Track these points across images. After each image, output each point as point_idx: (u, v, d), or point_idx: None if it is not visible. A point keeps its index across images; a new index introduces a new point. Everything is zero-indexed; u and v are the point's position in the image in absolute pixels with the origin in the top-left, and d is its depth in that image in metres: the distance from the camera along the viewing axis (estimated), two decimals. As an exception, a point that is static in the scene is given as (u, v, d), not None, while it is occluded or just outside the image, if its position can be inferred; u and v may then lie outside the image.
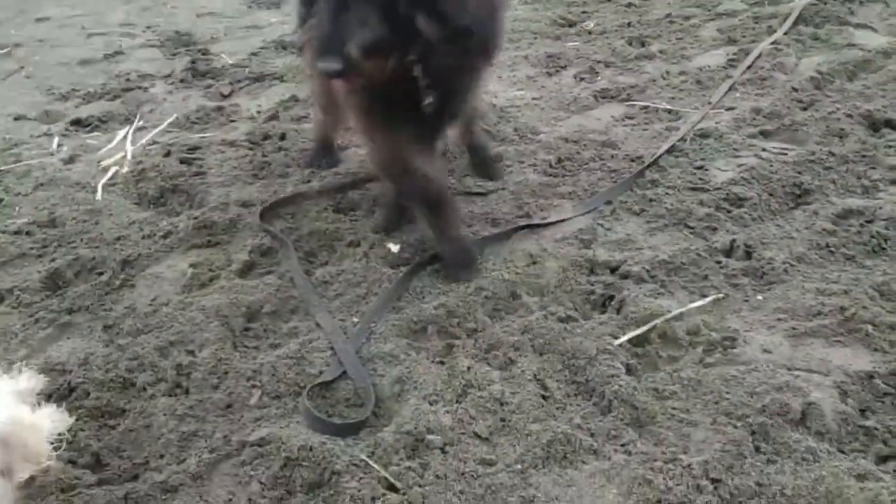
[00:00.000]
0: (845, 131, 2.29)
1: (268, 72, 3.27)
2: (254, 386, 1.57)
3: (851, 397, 1.42)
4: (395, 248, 1.99)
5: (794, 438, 1.34)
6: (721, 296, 1.71)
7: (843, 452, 1.33)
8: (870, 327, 1.55)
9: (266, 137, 2.65)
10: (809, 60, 2.79)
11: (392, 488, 1.33)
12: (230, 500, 1.34)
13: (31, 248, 2.10)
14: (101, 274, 1.98)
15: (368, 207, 2.16)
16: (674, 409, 1.43)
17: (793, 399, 1.40)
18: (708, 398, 1.44)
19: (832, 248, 1.82)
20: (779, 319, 1.62)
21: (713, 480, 1.27)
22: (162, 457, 1.43)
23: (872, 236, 1.83)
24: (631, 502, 1.26)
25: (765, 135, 2.36)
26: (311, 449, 1.39)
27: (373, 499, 1.31)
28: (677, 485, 1.27)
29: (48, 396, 1.52)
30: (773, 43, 2.94)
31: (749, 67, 2.79)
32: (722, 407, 1.42)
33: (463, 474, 1.34)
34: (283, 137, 2.64)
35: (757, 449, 1.33)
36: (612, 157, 2.35)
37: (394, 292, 1.78)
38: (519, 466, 1.35)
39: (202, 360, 1.63)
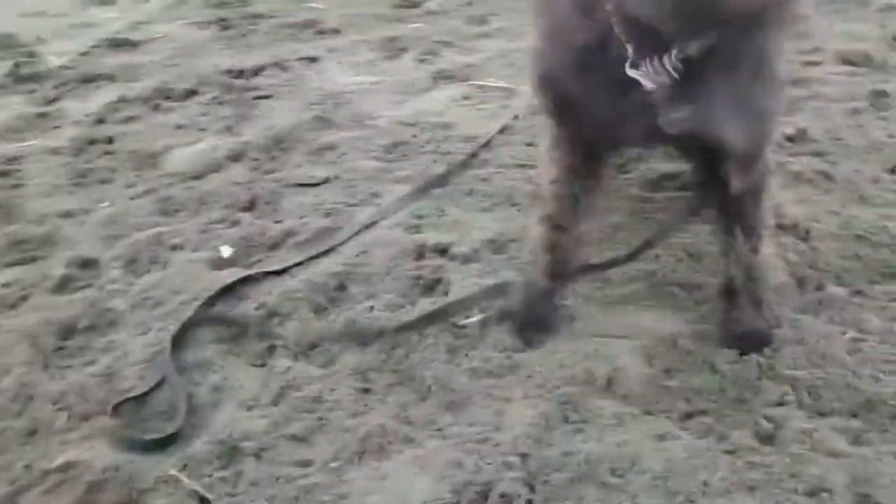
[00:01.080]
0: None
1: (98, 72, 3.11)
2: (60, 409, 1.48)
3: (657, 359, 1.46)
4: (227, 251, 1.92)
5: (599, 405, 1.37)
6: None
7: (648, 414, 1.37)
8: (676, 289, 1.61)
9: (92, 142, 2.52)
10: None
11: (203, 500, 1.29)
12: (32, 533, 1.27)
13: None
14: None
15: (195, 208, 2.09)
16: (490, 387, 1.44)
17: (599, 367, 1.43)
18: (522, 374, 1.46)
19: (646, 215, 1.87)
20: (596, 288, 1.66)
21: (521, 455, 1.29)
22: (-43, 495, 1.34)
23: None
24: (443, 487, 1.26)
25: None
26: (117, 469, 1.33)
27: (184, 514, 1.27)
28: (487, 464, 1.28)
29: None
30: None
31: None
32: (534, 381, 1.44)
33: (278, 478, 1.31)
34: (110, 141, 2.52)
35: (566, 419, 1.35)
36: (447, 138, 2.35)
37: (213, 296, 1.73)
38: (334, 464, 1.33)
39: (5, 387, 1.53)
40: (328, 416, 1.42)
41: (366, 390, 1.47)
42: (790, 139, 2.11)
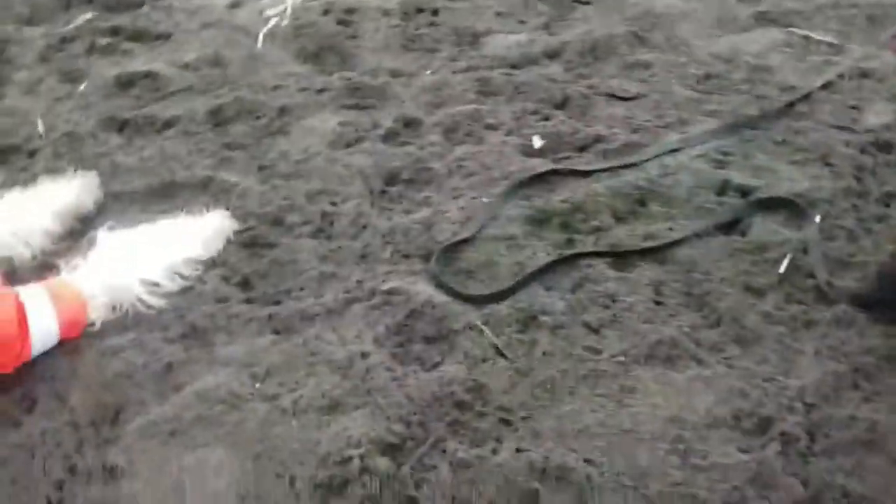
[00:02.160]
0: None
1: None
2: (387, 242, 1.70)
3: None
4: (538, 142, 2.04)
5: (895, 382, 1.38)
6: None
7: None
8: None
9: (419, 10, 2.70)
10: None
11: (501, 355, 1.46)
12: (358, 336, 1.50)
13: (198, 84, 2.26)
14: (258, 118, 2.14)
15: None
16: (782, 335, 1.49)
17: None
18: (817, 332, 1.49)
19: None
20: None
21: (807, 405, 1.34)
22: (303, 289, 1.60)
23: None
24: (725, 410, 1.35)
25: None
26: (433, 306, 1.53)
27: (483, 360, 1.45)
28: (772, 401, 1.35)
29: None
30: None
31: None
32: (827, 342, 1.46)
33: (570, 355, 1.46)
34: (435, 13, 2.69)
35: (856, 386, 1.38)
36: (764, 82, 2.30)
37: (524, 181, 1.86)
38: (623, 359, 1.45)
39: (344, 211, 1.78)
40: (621, 315, 1.53)
41: (658, 303, 1.57)
42: None
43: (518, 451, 1.29)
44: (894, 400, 1.35)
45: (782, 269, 1.61)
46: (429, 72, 2.37)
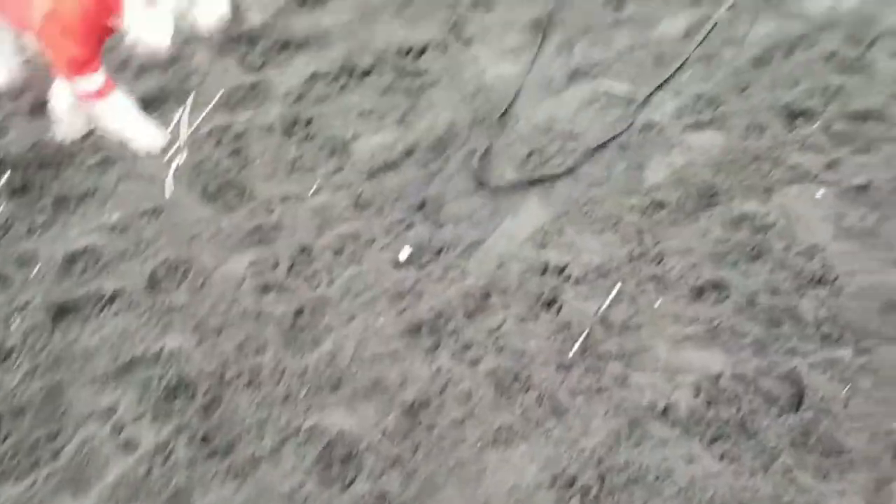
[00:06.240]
0: (764, 125, 2.80)
1: (293, 36, 3.74)
2: (302, 382, 2.31)
3: (703, 393, 2.12)
4: (405, 253, 2.63)
5: (655, 428, 2.06)
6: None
7: (686, 435, 2.05)
8: (727, 334, 2.22)
9: (295, 122, 3.22)
10: (757, 32, 3.21)
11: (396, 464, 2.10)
12: (293, 468, 2.12)
13: (130, 249, 2.80)
14: (185, 273, 2.69)
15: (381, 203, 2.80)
16: (580, 402, 2.15)
17: (660, 398, 2.11)
18: (604, 396, 2.15)
19: (721, 255, 2.43)
20: (669, 324, 2.29)
21: (598, 460, 2.02)
22: (249, 432, 2.21)
23: (753, 246, 2.43)
24: (545, 475, 2.01)
25: (699, 126, 2.88)
26: (343, 433, 2.16)
27: (382, 474, 2.09)
28: (575, 462, 2.02)
29: (167, 393, 2.30)
30: (729, 8, 3.32)
31: (703, 40, 3.22)
32: (613, 403, 2.13)
33: (443, 448, 2.10)
34: (309, 122, 3.21)
35: (629, 437, 2.06)
36: (573, 151, 2.90)
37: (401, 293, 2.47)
38: (479, 444, 2.10)
39: (266, 361, 2.37)
40: (476, 407, 2.17)
41: (500, 390, 2.21)
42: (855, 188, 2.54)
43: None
44: (652, 443, 2.03)
45: (577, 345, 2.25)
46: (311, 192, 2.92)
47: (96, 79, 2.83)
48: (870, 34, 3.05)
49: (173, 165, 3.11)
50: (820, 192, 2.54)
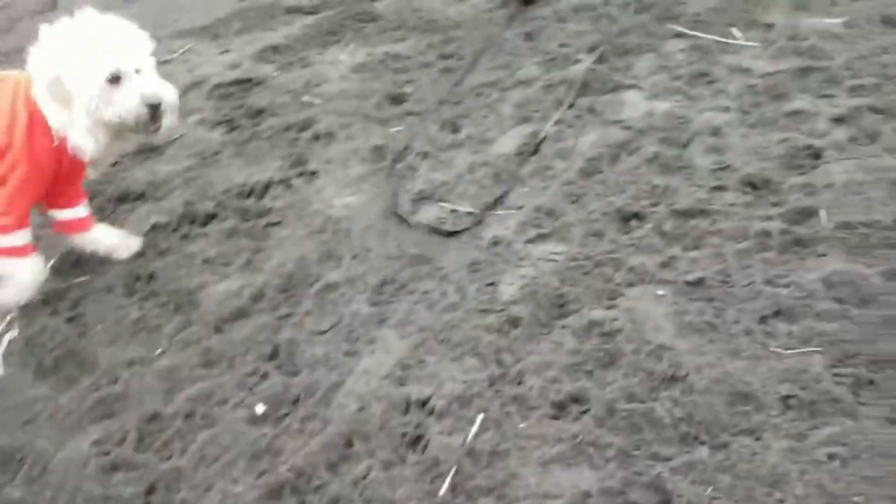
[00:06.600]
0: (601, 231, 2.91)
1: (130, 188, 3.64)
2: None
3: (573, 516, 2.08)
4: (260, 408, 2.52)
5: (531, 563, 2.00)
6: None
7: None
8: (591, 449, 2.22)
9: (137, 279, 3.10)
10: (584, 141, 3.37)
11: None
12: None
13: (-44, 444, 2.55)
14: (21, 461, 2.47)
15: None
16: (457, 544, 2.07)
17: (531, 529, 2.06)
18: (479, 533, 2.09)
19: (577, 365, 2.46)
20: (534, 447, 2.26)
21: None
22: None
23: (605, 353, 2.47)
24: None
25: (542, 238, 2.95)
26: None
27: None
28: None
29: None
30: (556, 123, 3.50)
31: (536, 152, 3.35)
32: (487, 541, 2.07)
33: None
34: (151, 277, 3.09)
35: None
36: (428, 275, 2.91)
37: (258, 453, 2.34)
38: None
39: (117, 551, 2.18)
40: None
41: None
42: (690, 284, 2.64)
43: None
44: None
45: (446, 483, 2.19)
46: (158, 352, 2.78)
47: None
48: (685, 135, 3.25)
49: (4, 342, 2.91)
50: (660, 291, 2.63)
